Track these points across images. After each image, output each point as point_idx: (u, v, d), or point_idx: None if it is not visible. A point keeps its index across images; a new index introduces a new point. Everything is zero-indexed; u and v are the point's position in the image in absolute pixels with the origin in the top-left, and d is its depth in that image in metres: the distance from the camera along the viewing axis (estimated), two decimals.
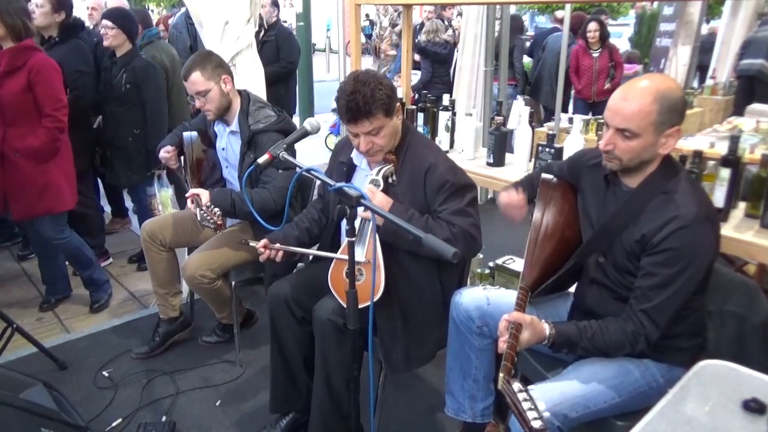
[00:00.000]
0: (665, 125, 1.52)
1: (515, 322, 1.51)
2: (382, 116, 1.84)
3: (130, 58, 3.31)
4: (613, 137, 1.56)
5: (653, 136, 1.52)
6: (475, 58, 4.80)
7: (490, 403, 1.99)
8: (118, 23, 3.23)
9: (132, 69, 3.29)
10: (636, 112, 1.50)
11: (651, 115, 1.50)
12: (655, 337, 1.54)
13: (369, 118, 1.82)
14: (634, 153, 1.55)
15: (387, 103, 1.83)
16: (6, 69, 2.68)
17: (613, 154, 1.58)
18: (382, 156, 1.95)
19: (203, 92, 2.43)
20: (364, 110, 1.80)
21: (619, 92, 1.56)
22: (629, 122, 1.51)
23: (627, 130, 1.52)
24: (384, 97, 1.82)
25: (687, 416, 1.27)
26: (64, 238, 3.03)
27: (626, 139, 1.53)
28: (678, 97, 1.53)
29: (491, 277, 3.02)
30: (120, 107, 3.37)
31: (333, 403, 1.99)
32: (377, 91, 1.80)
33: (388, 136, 1.91)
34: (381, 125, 1.85)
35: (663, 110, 1.50)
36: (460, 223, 1.87)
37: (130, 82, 3.29)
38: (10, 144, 2.75)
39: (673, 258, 1.50)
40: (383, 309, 1.90)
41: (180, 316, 2.86)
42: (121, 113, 3.37)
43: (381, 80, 1.85)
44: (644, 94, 1.50)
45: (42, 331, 3.02)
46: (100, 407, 2.43)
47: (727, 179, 2.01)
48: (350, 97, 1.80)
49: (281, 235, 2.12)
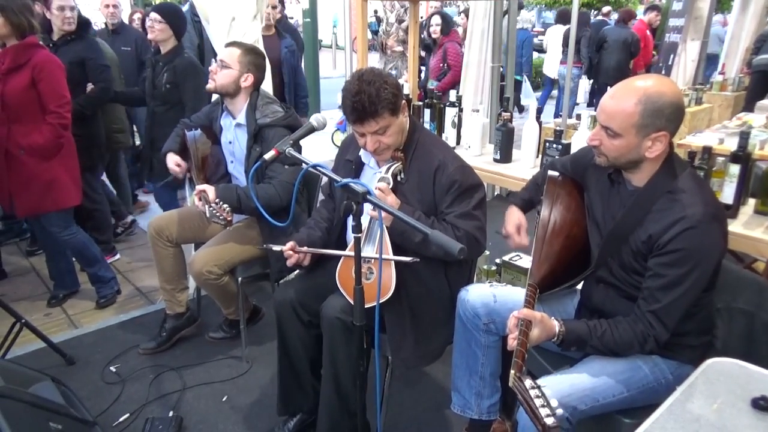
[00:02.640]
0: (649, 128, 1.49)
1: (525, 319, 1.50)
2: (388, 115, 1.82)
3: (173, 57, 3.26)
4: (600, 133, 1.56)
5: (636, 138, 1.51)
6: (482, 53, 4.78)
7: (496, 400, 1.99)
8: (167, 18, 3.19)
9: (173, 68, 3.24)
10: (618, 111, 1.50)
11: (633, 116, 1.48)
12: (664, 338, 1.53)
13: (375, 118, 1.80)
14: (619, 152, 1.54)
15: (393, 102, 1.81)
16: (10, 66, 2.69)
17: (600, 150, 1.58)
18: (389, 154, 1.94)
19: (225, 64, 2.48)
20: (370, 110, 1.78)
21: (611, 89, 1.55)
22: (611, 121, 1.51)
23: (609, 128, 1.52)
24: (390, 96, 1.80)
25: (695, 414, 1.26)
26: (71, 234, 3.04)
27: (610, 137, 1.53)
28: (667, 102, 1.47)
29: (498, 273, 3.01)
30: (161, 107, 3.35)
31: (340, 400, 1.99)
32: (382, 90, 1.78)
33: (395, 134, 1.90)
34: (387, 124, 1.84)
35: (647, 113, 1.47)
36: (465, 226, 1.87)
37: (170, 82, 3.25)
38: (14, 141, 2.76)
39: (680, 259, 1.48)
40: (392, 306, 1.90)
41: (187, 311, 2.86)
42: (162, 113, 3.35)
43: (386, 79, 1.83)
44: (630, 95, 1.49)
45: (50, 327, 3.04)
46: (108, 402, 2.45)
47: (737, 176, 1.99)
48: (355, 97, 1.78)
49: (305, 237, 2.08)
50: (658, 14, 7.91)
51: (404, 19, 6.67)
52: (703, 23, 6.66)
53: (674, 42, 6.71)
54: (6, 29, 2.68)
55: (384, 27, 8.37)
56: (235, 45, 2.55)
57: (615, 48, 7.30)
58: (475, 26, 4.77)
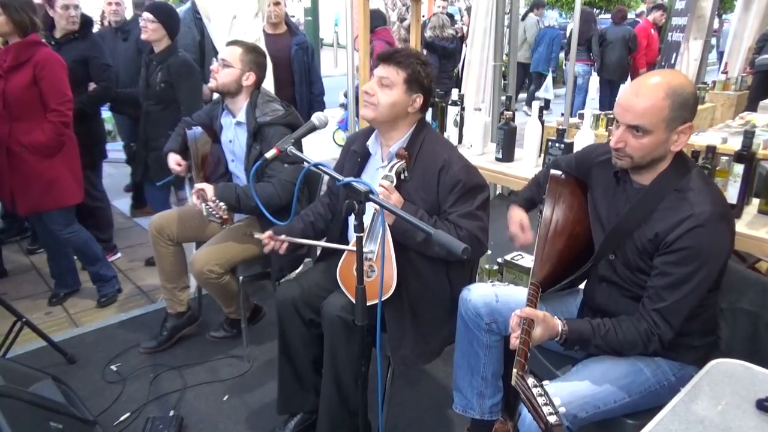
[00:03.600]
0: (677, 121, 1.49)
1: (527, 318, 1.49)
2: (402, 76, 1.90)
3: (167, 56, 3.22)
4: (624, 134, 1.52)
5: (665, 133, 1.50)
6: (484, 52, 4.76)
7: (498, 400, 1.98)
8: (160, 18, 3.16)
9: (167, 67, 3.20)
10: (648, 108, 1.47)
11: (663, 111, 1.47)
12: (669, 337, 1.52)
13: (393, 66, 1.90)
14: (646, 150, 1.52)
15: (414, 75, 1.91)
16: (12, 64, 2.69)
17: (624, 152, 1.54)
18: (373, 114, 1.95)
19: (227, 63, 2.47)
20: (397, 59, 1.91)
21: (630, 88, 1.52)
22: (641, 119, 1.48)
23: (639, 127, 1.49)
24: (417, 70, 1.91)
25: (699, 415, 1.25)
26: (73, 232, 3.04)
27: (637, 136, 1.50)
28: (690, 92, 1.50)
29: (500, 273, 3.01)
30: (156, 106, 3.30)
31: (341, 399, 1.98)
32: (419, 66, 1.92)
33: (391, 104, 1.92)
34: (394, 82, 1.90)
35: (675, 106, 1.47)
36: (468, 226, 1.87)
37: (165, 81, 3.21)
38: (16, 138, 2.76)
39: (687, 257, 1.47)
40: (392, 305, 1.90)
41: (187, 310, 2.86)
42: (157, 112, 3.30)
43: (429, 67, 1.97)
44: (656, 90, 1.47)
45: (51, 325, 3.04)
46: (109, 401, 2.44)
47: (741, 175, 1.98)
48: (403, 48, 2.01)
49: (286, 228, 2.12)
50: (664, 13, 7.99)
51: (406, 18, 6.66)
52: (706, 22, 6.64)
53: (677, 41, 6.69)
54: (8, 27, 2.68)
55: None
56: (237, 44, 2.54)
57: (615, 45, 7.79)
58: (477, 24, 4.75)
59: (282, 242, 2.08)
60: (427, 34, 6.21)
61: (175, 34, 3.31)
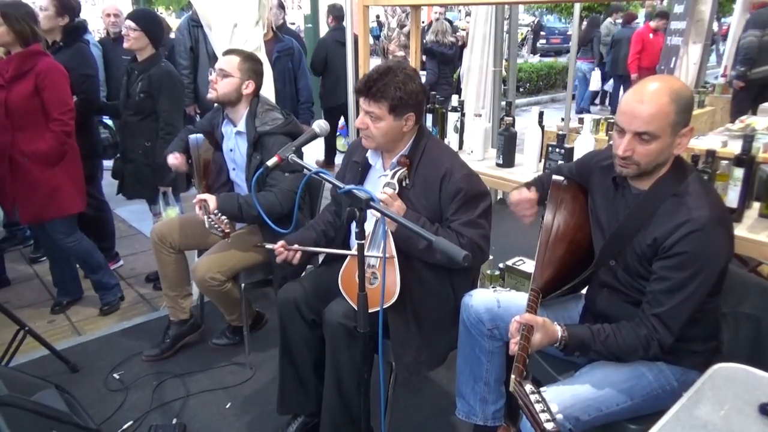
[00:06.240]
0: (681, 125, 1.50)
1: (527, 324, 1.50)
2: (384, 109, 1.85)
3: (149, 65, 3.11)
4: (632, 142, 1.51)
5: (670, 137, 1.50)
6: (483, 58, 4.78)
7: (501, 406, 1.98)
8: (142, 25, 3.04)
9: (148, 77, 3.08)
10: (655, 113, 1.47)
11: (670, 115, 1.47)
12: (668, 342, 1.52)
13: (372, 100, 1.85)
14: (652, 156, 1.52)
15: (396, 102, 1.85)
16: (14, 74, 2.70)
17: (632, 160, 1.53)
18: (374, 144, 1.96)
19: (226, 72, 2.47)
20: (371, 91, 1.84)
21: (632, 96, 1.51)
22: (649, 125, 1.48)
23: (647, 133, 1.48)
24: (398, 95, 1.83)
25: (702, 420, 1.25)
26: (75, 241, 3.05)
27: (644, 142, 1.50)
28: (690, 95, 1.52)
29: (501, 278, 3.01)
30: (134, 117, 3.19)
31: (343, 405, 1.98)
32: (395, 86, 1.83)
33: (384, 134, 1.91)
34: (380, 116, 1.87)
35: (680, 109, 1.48)
36: (470, 234, 1.87)
37: (145, 91, 3.10)
38: (18, 148, 2.77)
39: (685, 262, 1.47)
40: (395, 311, 1.90)
41: (190, 318, 2.86)
42: (135, 123, 3.19)
43: (410, 80, 1.87)
44: (660, 95, 1.48)
45: (53, 334, 3.04)
46: (111, 409, 2.44)
47: (741, 179, 1.98)
48: (372, 73, 1.86)
49: (298, 238, 2.12)
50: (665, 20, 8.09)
51: (406, 24, 6.69)
52: (705, 26, 6.65)
53: (676, 45, 6.70)
54: (9, 37, 2.69)
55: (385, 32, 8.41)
56: (234, 53, 2.55)
57: (623, 44, 8.81)
58: (477, 30, 4.78)
59: (295, 252, 2.06)
60: (428, 38, 6.23)
61: (159, 42, 3.20)
